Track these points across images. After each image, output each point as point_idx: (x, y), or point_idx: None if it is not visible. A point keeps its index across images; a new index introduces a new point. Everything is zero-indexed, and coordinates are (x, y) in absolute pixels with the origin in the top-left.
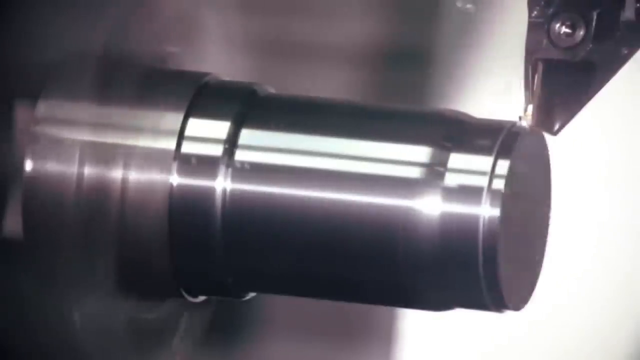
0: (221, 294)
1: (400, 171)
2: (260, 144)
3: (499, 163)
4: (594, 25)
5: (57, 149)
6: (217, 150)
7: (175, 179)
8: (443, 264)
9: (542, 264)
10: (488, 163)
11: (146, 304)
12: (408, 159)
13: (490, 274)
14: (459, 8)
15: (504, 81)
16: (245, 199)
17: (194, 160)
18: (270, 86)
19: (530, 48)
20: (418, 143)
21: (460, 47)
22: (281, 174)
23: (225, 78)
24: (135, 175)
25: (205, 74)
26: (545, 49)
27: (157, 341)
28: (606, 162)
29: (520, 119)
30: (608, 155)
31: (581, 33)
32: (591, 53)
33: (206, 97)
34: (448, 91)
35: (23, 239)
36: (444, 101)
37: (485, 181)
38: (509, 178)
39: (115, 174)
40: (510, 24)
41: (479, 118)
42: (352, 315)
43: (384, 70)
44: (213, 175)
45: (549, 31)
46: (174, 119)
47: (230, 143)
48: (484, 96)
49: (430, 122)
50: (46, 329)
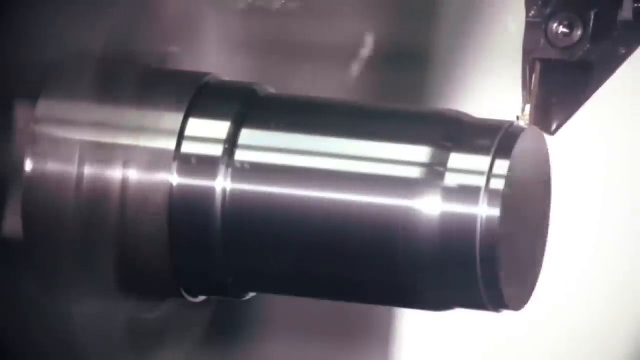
0: (221, 294)
1: (400, 171)
2: (260, 144)
3: (498, 163)
4: (591, 25)
5: (57, 149)
6: (217, 150)
7: (175, 179)
8: (443, 264)
9: (542, 264)
10: (487, 163)
11: (146, 304)
12: (408, 159)
13: (489, 274)
14: None
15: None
16: (245, 199)
17: (194, 160)
18: (270, 86)
19: (528, 48)
20: (418, 143)
21: (458, 47)
22: (281, 174)
23: (225, 78)
24: (135, 175)
25: (205, 74)
26: (543, 49)
27: (157, 341)
28: (605, 162)
29: (518, 118)
30: (607, 155)
31: (579, 33)
32: (589, 53)
33: (206, 97)
34: (447, 91)
35: (23, 239)
36: (442, 101)
37: (483, 181)
38: (508, 178)
39: (115, 174)
40: (508, 24)
41: (479, 118)
42: (352, 315)
43: (383, 70)
44: (213, 175)
45: (546, 31)
46: (174, 119)
47: (230, 143)
48: (483, 96)
49: (430, 122)
50: (46, 329)
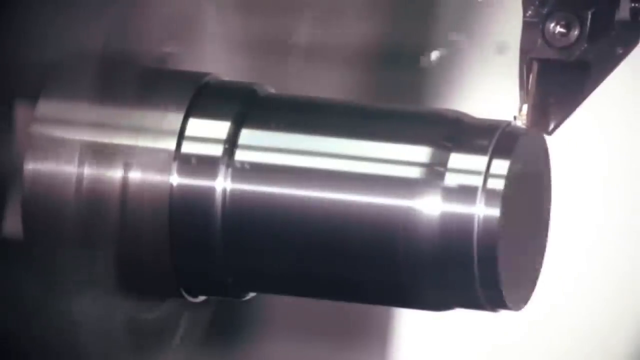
0: (221, 294)
1: (400, 171)
2: (260, 144)
3: (497, 163)
4: (588, 24)
5: (57, 149)
6: (217, 150)
7: (175, 179)
8: (443, 264)
9: (542, 264)
10: (491, 163)
11: (146, 304)
12: (408, 159)
13: (488, 274)
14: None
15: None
16: (245, 199)
17: (194, 160)
18: (270, 86)
19: (525, 48)
20: (418, 143)
21: (456, 47)
22: (281, 174)
23: (225, 78)
24: (135, 175)
25: (205, 74)
26: (540, 49)
27: (157, 341)
28: (606, 162)
29: (515, 118)
30: (608, 155)
31: (576, 33)
32: (586, 52)
33: (206, 97)
34: (444, 91)
35: (23, 239)
36: (440, 101)
37: (482, 181)
38: (508, 178)
39: (115, 174)
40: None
41: (479, 118)
42: (352, 315)
43: (382, 70)
44: (213, 175)
45: (543, 31)
46: (174, 119)
47: (230, 143)
48: (481, 96)
49: (430, 122)
50: (46, 329)
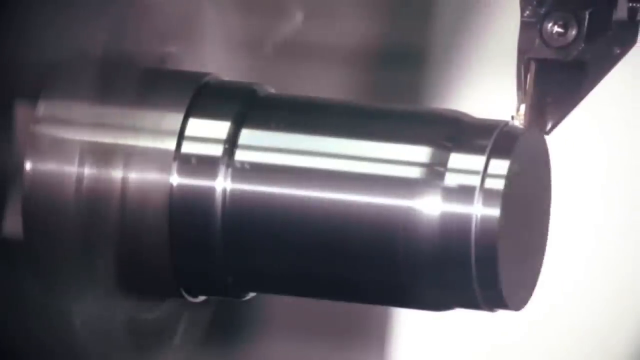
0: (221, 294)
1: (400, 171)
2: (260, 144)
3: (496, 163)
4: (586, 24)
5: (57, 149)
6: (217, 150)
7: (175, 179)
8: (443, 264)
9: (542, 264)
10: (488, 163)
11: (146, 304)
12: (408, 159)
13: (488, 274)
14: None
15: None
16: (245, 199)
17: (194, 160)
18: (270, 86)
19: (523, 47)
20: (418, 143)
21: (454, 47)
22: (281, 174)
23: (225, 78)
24: (135, 175)
25: (205, 74)
26: (538, 49)
27: (157, 341)
28: (606, 162)
29: (512, 118)
30: (607, 155)
31: (573, 32)
32: (583, 52)
33: (206, 97)
34: (443, 91)
35: (23, 239)
36: (438, 100)
37: (486, 181)
38: (508, 178)
39: (115, 174)
40: (503, 23)
41: (479, 118)
42: (352, 315)
43: (380, 70)
44: (213, 175)
45: (541, 31)
46: (174, 119)
47: (230, 143)
48: (478, 96)
49: (430, 122)
50: (46, 329)
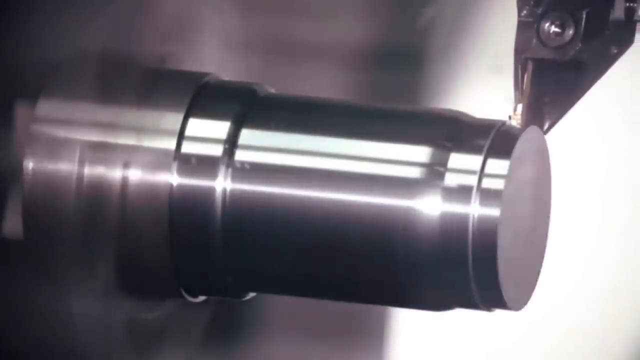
0: (221, 294)
1: (400, 171)
2: (260, 144)
3: (496, 162)
4: (583, 24)
5: (57, 149)
6: (217, 150)
7: (175, 179)
8: (443, 264)
9: (542, 264)
10: (487, 163)
11: (146, 304)
12: (408, 159)
13: (487, 274)
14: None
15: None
16: (245, 199)
17: (194, 160)
18: (270, 86)
19: (520, 47)
20: (418, 143)
21: (452, 47)
22: (281, 174)
23: (225, 78)
24: (135, 175)
25: (205, 74)
26: (535, 48)
27: (157, 341)
28: (605, 162)
29: (510, 118)
30: (607, 155)
31: (570, 32)
32: (580, 52)
33: (206, 97)
34: (441, 90)
35: (23, 239)
36: (436, 100)
37: (483, 181)
38: (507, 177)
39: (116, 174)
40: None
41: (479, 118)
42: (352, 315)
43: (379, 70)
44: (213, 175)
45: (538, 30)
46: (174, 119)
47: (230, 143)
48: (476, 95)
49: (430, 122)
50: (46, 329)
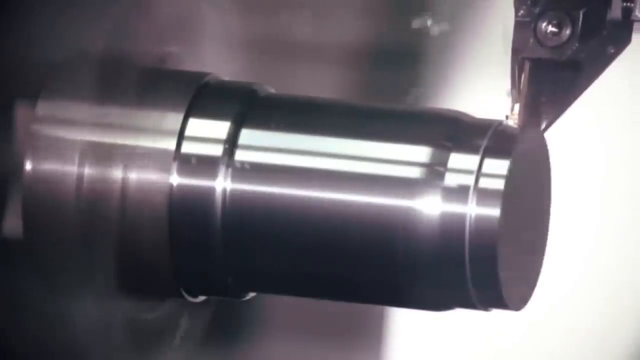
0: (221, 294)
1: (400, 171)
2: (260, 144)
3: (496, 162)
4: (580, 24)
5: (57, 149)
6: (217, 150)
7: (175, 179)
8: (443, 264)
9: (542, 264)
10: (486, 163)
11: (146, 304)
12: (408, 159)
13: (487, 274)
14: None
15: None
16: (245, 199)
17: (194, 160)
18: (270, 86)
19: (517, 47)
20: (418, 143)
21: (449, 47)
22: (281, 174)
23: (225, 78)
24: (135, 175)
25: (205, 74)
26: (532, 48)
27: (157, 341)
28: (606, 162)
29: (507, 117)
30: (607, 154)
31: (567, 32)
32: (577, 52)
33: (206, 97)
34: (438, 90)
35: (23, 239)
36: (434, 100)
37: (483, 180)
38: (507, 177)
39: (115, 174)
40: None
41: (479, 118)
42: (353, 315)
43: (378, 70)
44: (213, 175)
45: (535, 30)
46: (174, 119)
47: (230, 143)
48: (473, 95)
49: (430, 122)
50: (46, 329)
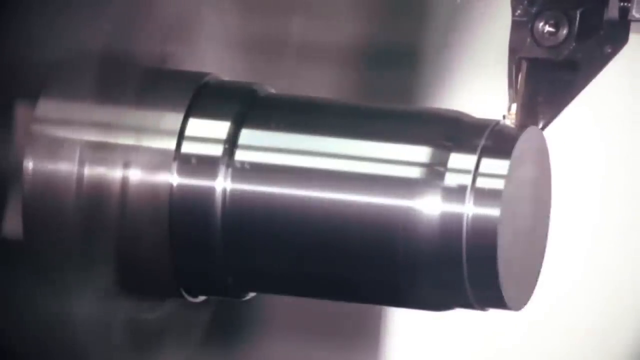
0: (221, 294)
1: (400, 171)
2: (260, 144)
3: (496, 162)
4: (577, 23)
5: (57, 149)
6: (217, 150)
7: (175, 179)
8: (443, 264)
9: (542, 264)
10: (486, 162)
11: (146, 304)
12: (408, 159)
13: (487, 274)
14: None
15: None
16: (245, 199)
17: (194, 160)
18: (270, 86)
19: (514, 47)
20: (418, 143)
21: (446, 47)
22: (281, 174)
23: (225, 78)
24: (135, 175)
25: (205, 74)
26: (529, 48)
27: (157, 341)
28: (605, 162)
29: (504, 117)
30: (607, 154)
31: (564, 32)
32: (575, 52)
33: (206, 97)
34: (436, 90)
35: (23, 239)
36: (432, 100)
37: (482, 180)
38: (506, 177)
39: (115, 174)
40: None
41: (479, 118)
42: (353, 315)
43: (376, 70)
44: (213, 175)
45: (532, 30)
46: (174, 119)
47: (230, 143)
48: (471, 95)
49: (430, 122)
50: (46, 329)
